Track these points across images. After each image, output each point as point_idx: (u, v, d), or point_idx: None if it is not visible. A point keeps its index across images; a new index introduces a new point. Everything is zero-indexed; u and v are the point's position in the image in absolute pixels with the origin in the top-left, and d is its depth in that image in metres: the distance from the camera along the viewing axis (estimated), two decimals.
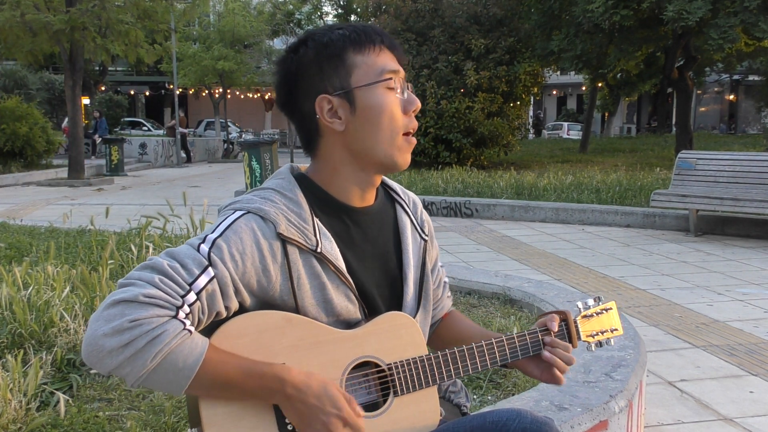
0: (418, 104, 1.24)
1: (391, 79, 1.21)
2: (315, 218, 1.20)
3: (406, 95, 1.23)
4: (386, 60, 1.21)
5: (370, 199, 1.29)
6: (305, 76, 1.21)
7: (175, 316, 1.04)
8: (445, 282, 1.48)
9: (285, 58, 1.24)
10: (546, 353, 1.29)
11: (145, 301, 1.03)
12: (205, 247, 1.11)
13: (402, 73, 1.24)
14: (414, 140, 1.25)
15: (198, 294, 1.08)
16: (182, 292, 1.06)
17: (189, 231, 4.44)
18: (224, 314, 1.13)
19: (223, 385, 1.08)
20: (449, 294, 1.51)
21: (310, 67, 1.21)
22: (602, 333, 1.41)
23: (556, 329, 1.31)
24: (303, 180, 1.25)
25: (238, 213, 1.16)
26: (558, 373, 1.29)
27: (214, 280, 1.09)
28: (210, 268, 1.09)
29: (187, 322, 1.06)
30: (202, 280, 1.08)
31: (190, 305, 1.07)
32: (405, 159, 1.24)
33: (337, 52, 1.20)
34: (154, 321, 1.02)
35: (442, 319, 1.48)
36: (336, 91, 1.20)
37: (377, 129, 1.20)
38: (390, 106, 1.20)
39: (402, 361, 1.21)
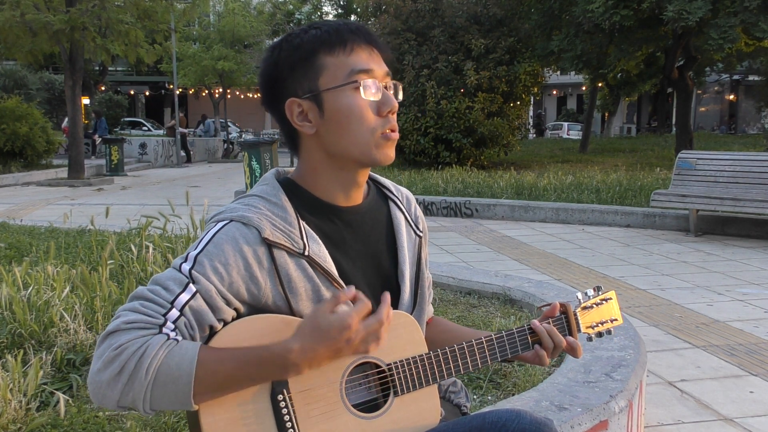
0: (394, 105, 1.19)
1: (356, 81, 1.16)
2: (301, 221, 1.19)
3: (381, 96, 1.19)
4: (357, 60, 1.17)
5: (357, 197, 1.27)
6: (279, 79, 1.20)
7: (159, 333, 1.05)
8: (430, 290, 1.47)
9: (264, 58, 1.24)
10: (538, 331, 1.30)
11: (126, 328, 1.04)
12: (186, 266, 1.11)
13: (378, 72, 1.19)
14: (395, 135, 1.20)
15: (181, 310, 1.07)
16: (163, 311, 1.06)
17: (189, 231, 4.44)
18: (219, 328, 1.12)
19: (228, 380, 1.06)
20: (432, 300, 1.50)
21: (282, 70, 1.20)
22: (602, 324, 1.40)
23: (555, 314, 1.34)
24: (288, 184, 1.24)
25: (220, 224, 1.15)
26: (544, 355, 1.30)
27: (198, 295, 1.09)
28: (191, 285, 1.09)
29: (173, 335, 1.06)
30: (184, 297, 1.08)
31: (174, 321, 1.07)
32: (385, 154, 1.20)
33: (307, 54, 1.17)
34: (138, 341, 1.03)
35: (426, 324, 1.48)
36: (305, 95, 1.18)
37: (347, 132, 1.17)
38: (358, 109, 1.16)
39: (402, 361, 1.21)
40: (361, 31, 1.20)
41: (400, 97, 1.23)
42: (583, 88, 34.13)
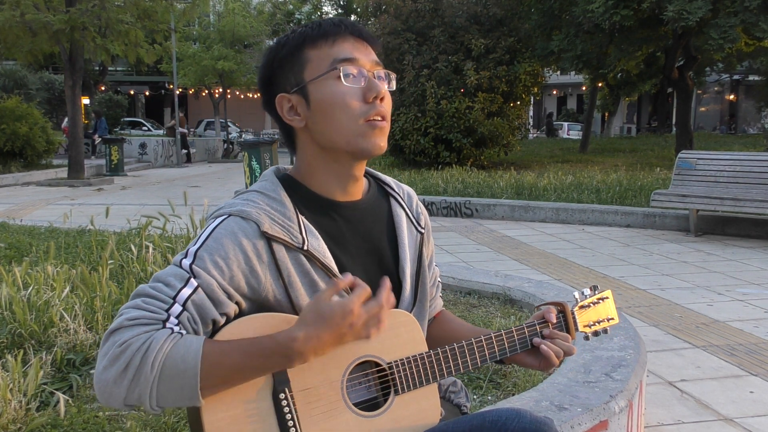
0: (381, 90, 1.19)
1: (336, 69, 1.18)
2: (300, 216, 1.20)
3: (365, 83, 1.20)
4: (340, 50, 1.19)
5: (355, 192, 1.28)
6: (271, 78, 1.25)
7: (162, 328, 1.05)
8: (438, 282, 1.48)
9: (261, 64, 1.28)
10: (544, 347, 1.28)
11: (129, 324, 1.04)
12: (186, 261, 1.11)
13: (364, 60, 1.20)
14: (383, 124, 1.20)
15: (183, 304, 1.08)
16: (165, 306, 1.07)
17: (189, 231, 4.44)
18: (221, 322, 1.12)
19: (234, 371, 1.06)
20: (441, 294, 1.51)
21: (273, 69, 1.24)
22: (599, 323, 1.42)
23: (554, 321, 1.32)
24: (287, 180, 1.26)
25: (219, 219, 1.17)
26: (555, 360, 1.29)
27: (199, 289, 1.09)
28: (192, 279, 1.09)
29: (176, 329, 1.06)
30: (186, 292, 1.08)
31: (176, 316, 1.07)
32: (374, 143, 1.19)
33: (292, 50, 1.21)
34: (142, 337, 1.03)
35: (434, 318, 1.48)
36: (292, 89, 1.21)
37: (331, 120, 1.19)
38: (341, 96, 1.18)
39: (402, 360, 1.21)
40: (345, 23, 1.22)
41: (393, 86, 1.24)
42: (583, 88, 34.13)
